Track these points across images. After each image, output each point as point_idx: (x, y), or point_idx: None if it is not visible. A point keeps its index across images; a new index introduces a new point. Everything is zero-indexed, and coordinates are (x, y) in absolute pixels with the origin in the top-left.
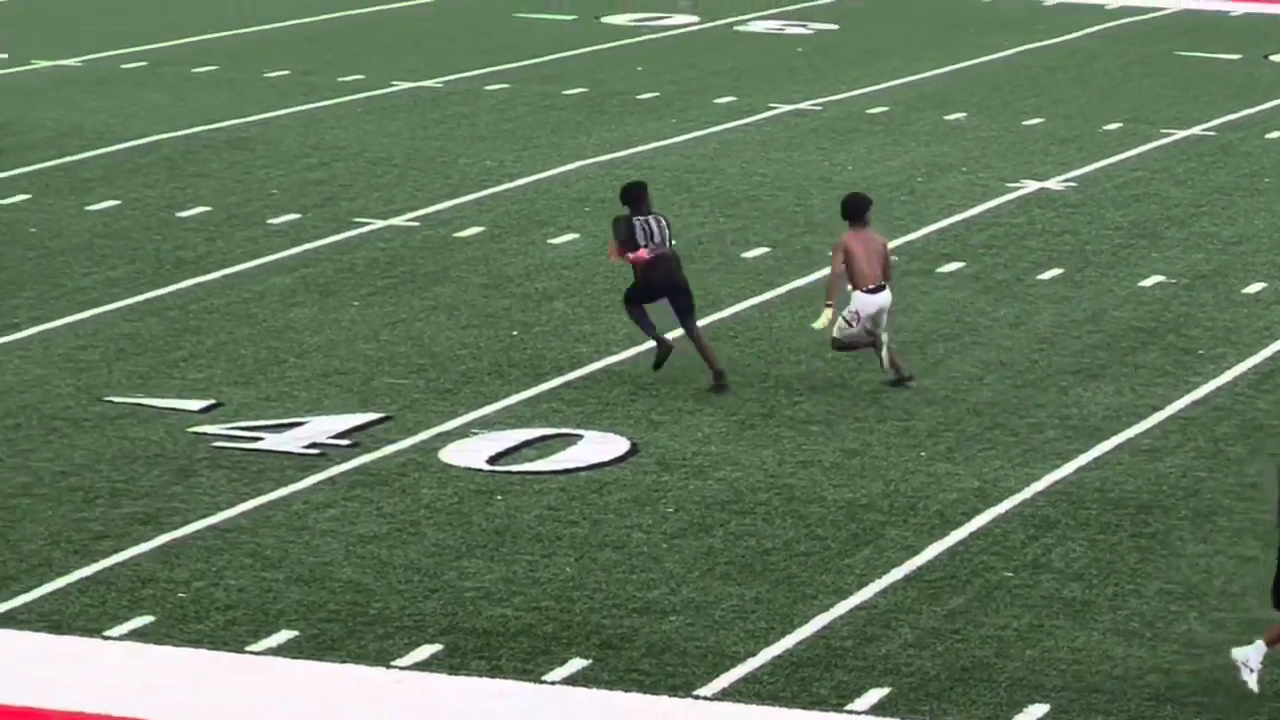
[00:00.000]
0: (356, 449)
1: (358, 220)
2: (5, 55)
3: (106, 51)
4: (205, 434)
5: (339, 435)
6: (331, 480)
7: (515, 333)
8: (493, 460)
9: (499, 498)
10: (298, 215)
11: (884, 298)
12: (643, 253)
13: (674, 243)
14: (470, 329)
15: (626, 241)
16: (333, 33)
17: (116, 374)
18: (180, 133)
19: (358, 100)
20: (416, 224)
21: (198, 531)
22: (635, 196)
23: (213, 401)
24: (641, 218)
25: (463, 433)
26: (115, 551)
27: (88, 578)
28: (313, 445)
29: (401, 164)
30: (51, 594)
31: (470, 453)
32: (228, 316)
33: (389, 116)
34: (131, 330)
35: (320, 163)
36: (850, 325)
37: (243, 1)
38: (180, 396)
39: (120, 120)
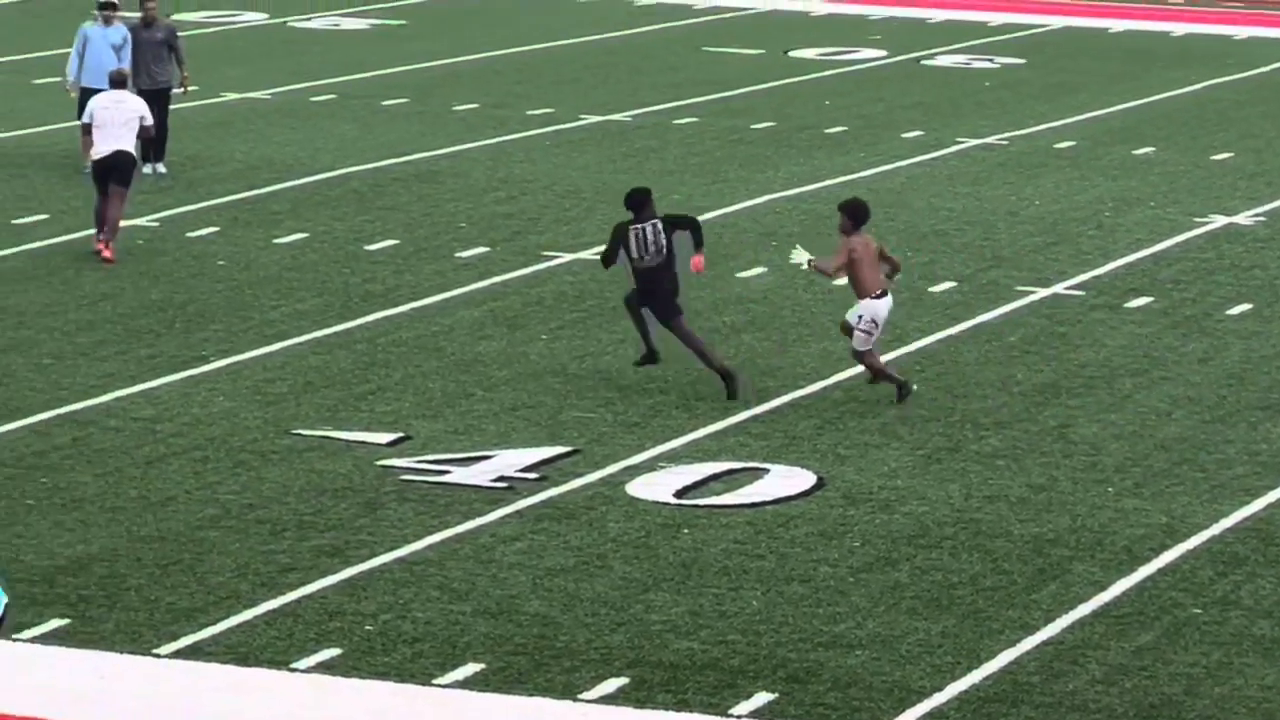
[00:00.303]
0: (544, 482)
1: (546, 254)
2: (196, 87)
3: (296, 84)
4: (393, 467)
5: (527, 468)
6: (519, 513)
7: (702, 366)
8: (680, 494)
9: (686, 531)
10: (486, 249)
11: (889, 301)
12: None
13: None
14: (658, 363)
15: (610, 254)
16: (522, 66)
17: (305, 407)
18: (369, 166)
19: (546, 134)
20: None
21: (385, 564)
22: (639, 203)
23: (401, 435)
24: (638, 225)
25: (650, 466)
26: (303, 584)
27: (275, 610)
28: (500, 479)
29: (590, 197)
30: (239, 626)
31: (657, 486)
32: (416, 349)
33: (578, 150)
34: (320, 363)
35: (509, 196)
36: (870, 334)
37: (432, 35)
38: (368, 429)
39: (309, 153)
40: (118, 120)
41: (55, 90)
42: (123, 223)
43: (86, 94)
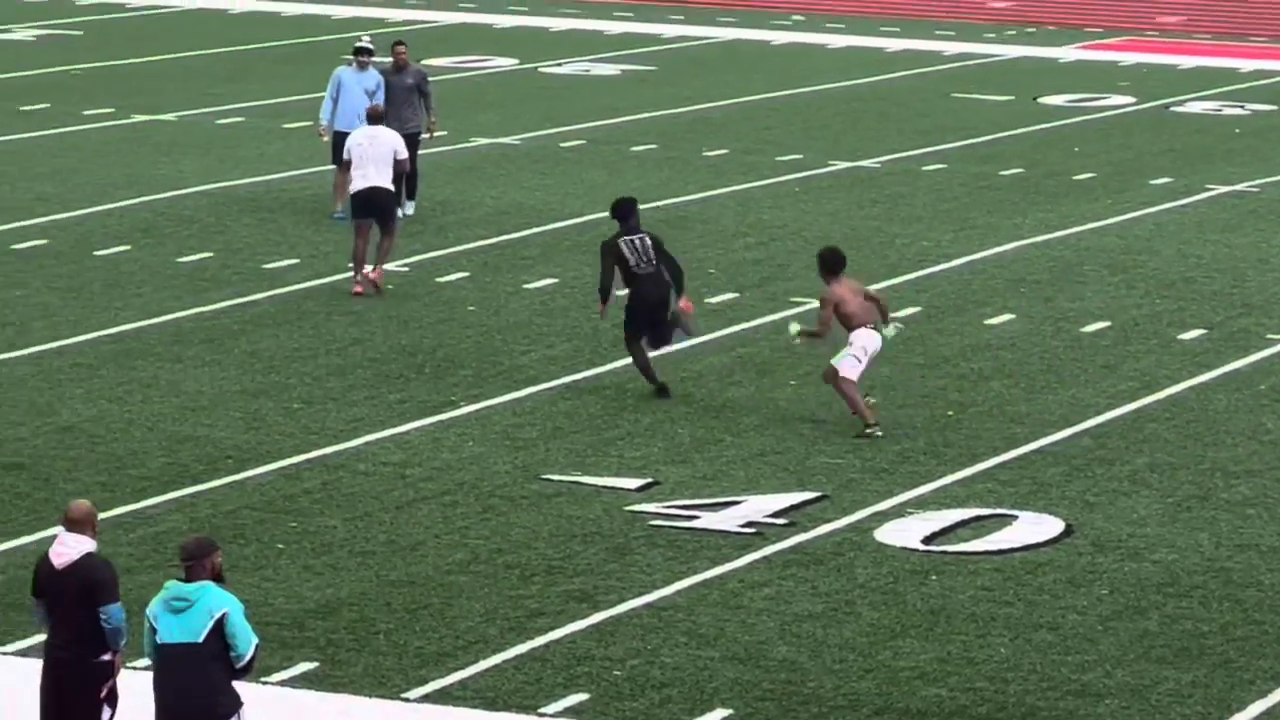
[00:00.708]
0: (792, 528)
1: (794, 300)
2: (443, 132)
3: (546, 130)
4: (642, 512)
5: (775, 514)
6: (767, 559)
7: (950, 413)
8: (928, 540)
9: (934, 577)
10: (734, 294)
11: (879, 340)
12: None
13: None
14: (906, 408)
15: (606, 277)
16: (770, 112)
17: (554, 451)
18: None
19: (795, 180)
20: None
21: (633, 610)
22: (625, 213)
23: (650, 480)
24: (629, 237)
25: (898, 512)
26: (551, 629)
27: (523, 655)
28: (749, 524)
29: (838, 243)
30: (487, 671)
31: (905, 532)
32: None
33: (826, 196)
34: (569, 408)
35: (757, 242)
36: (860, 362)
37: (681, 81)
38: (617, 475)
39: (559, 199)
40: (374, 156)
41: (305, 135)
42: (368, 267)
43: (339, 137)
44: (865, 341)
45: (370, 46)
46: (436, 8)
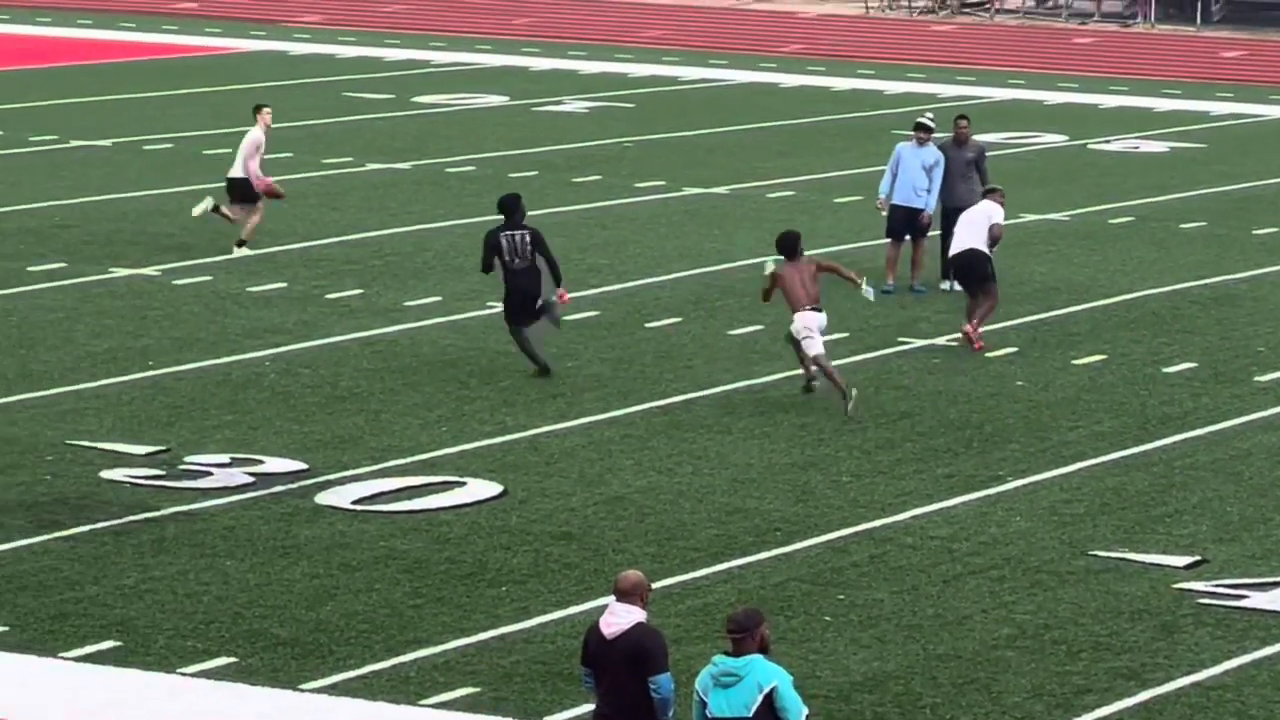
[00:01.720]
0: None
1: None
2: None
3: (1094, 206)
4: (1190, 590)
5: None
6: None
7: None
8: None
9: None
10: (1276, 374)
11: (814, 319)
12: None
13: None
14: None
15: (486, 260)
16: None
17: (1101, 528)
18: (1167, 288)
19: None
20: None
21: (1181, 689)
22: (510, 209)
23: (1198, 558)
24: (509, 232)
25: None
26: (1099, 706)
27: None
28: None
29: None
30: None
31: None
32: (1213, 473)
33: None
34: (1116, 484)
35: None
36: (813, 337)
37: (1232, 159)
38: (1165, 552)
39: (1107, 275)
40: (970, 220)
41: (855, 209)
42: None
43: (895, 211)
44: (805, 321)
45: (931, 124)
46: (988, 84)
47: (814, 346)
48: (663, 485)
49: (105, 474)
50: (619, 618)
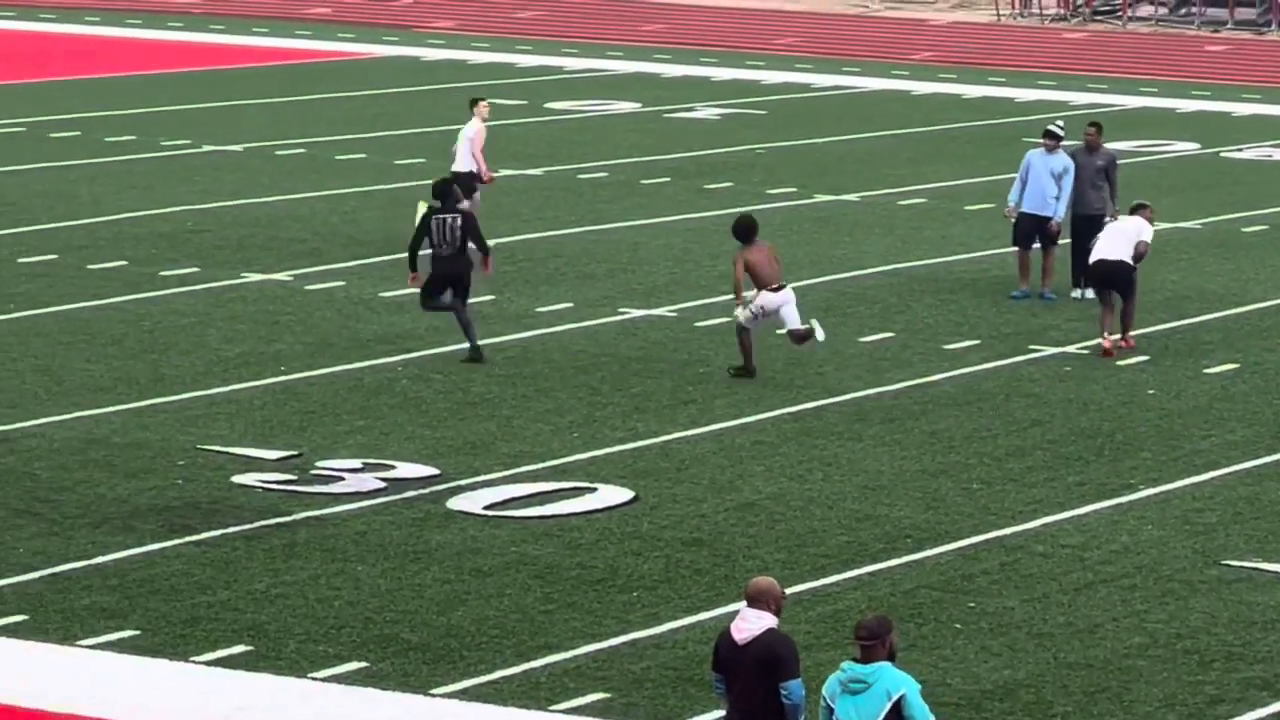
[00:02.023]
0: None
1: None
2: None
3: (1227, 214)
4: None
5: None
6: None
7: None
8: None
9: None
10: None
11: (786, 294)
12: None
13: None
14: None
15: (415, 243)
16: None
17: (1234, 537)
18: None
19: None
20: None
21: None
22: (444, 193)
23: None
24: (441, 215)
25: None
26: (1231, 716)
27: None
28: None
29: None
30: None
31: None
32: None
33: None
34: (1249, 493)
35: None
36: (756, 317)
37: None
38: None
39: (1240, 284)
40: (1117, 230)
41: (987, 217)
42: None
43: (1023, 219)
44: (764, 301)
45: (1061, 131)
46: (1119, 91)
47: (794, 318)
48: (793, 491)
49: (237, 478)
50: (750, 623)
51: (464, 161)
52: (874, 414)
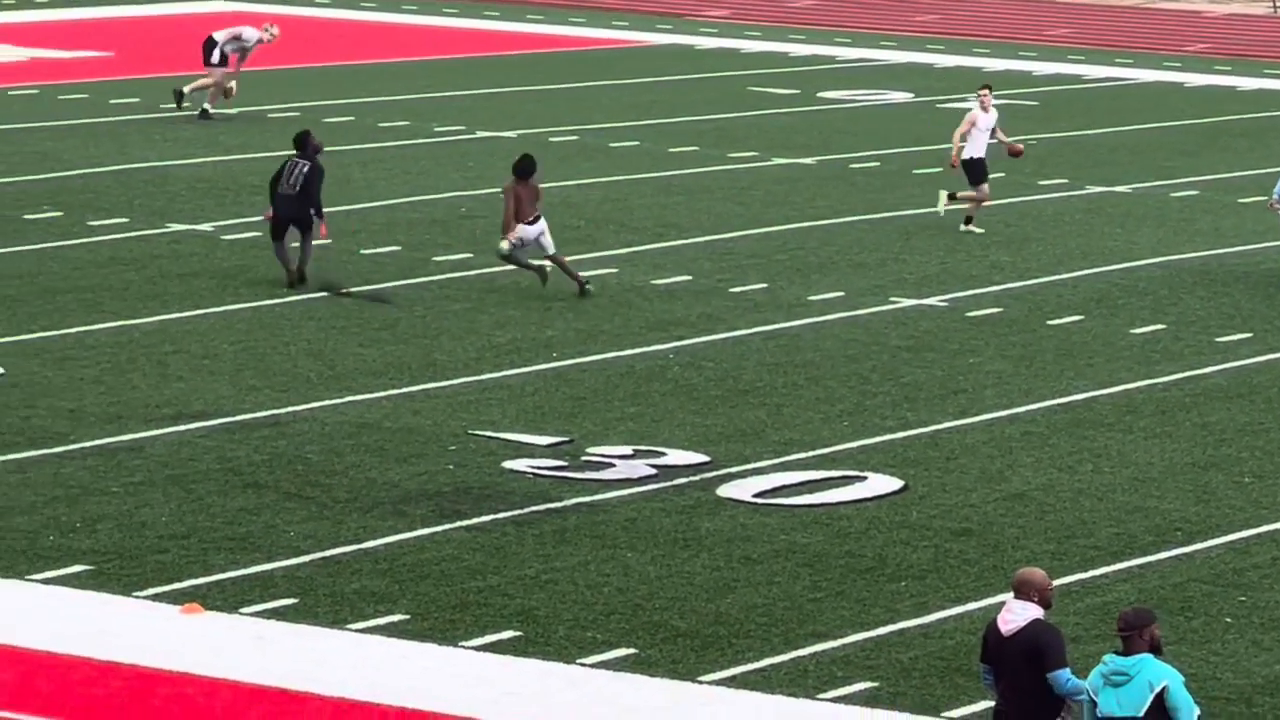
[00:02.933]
0: None
1: None
2: None
3: None
4: None
5: None
6: None
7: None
8: None
9: None
10: None
11: (540, 225)
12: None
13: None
14: None
15: (272, 182)
16: None
17: None
18: None
19: None
20: None
21: None
22: (301, 143)
23: None
24: (294, 159)
25: None
26: None
27: None
28: None
29: None
30: None
31: None
32: None
33: None
34: None
35: None
36: (515, 246)
37: None
38: None
39: None
40: None
41: (1260, 209)
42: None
43: None
44: (522, 233)
45: None
46: None
47: (551, 244)
48: (1063, 483)
49: (508, 464)
50: (1016, 615)
51: (977, 148)
52: (1145, 406)
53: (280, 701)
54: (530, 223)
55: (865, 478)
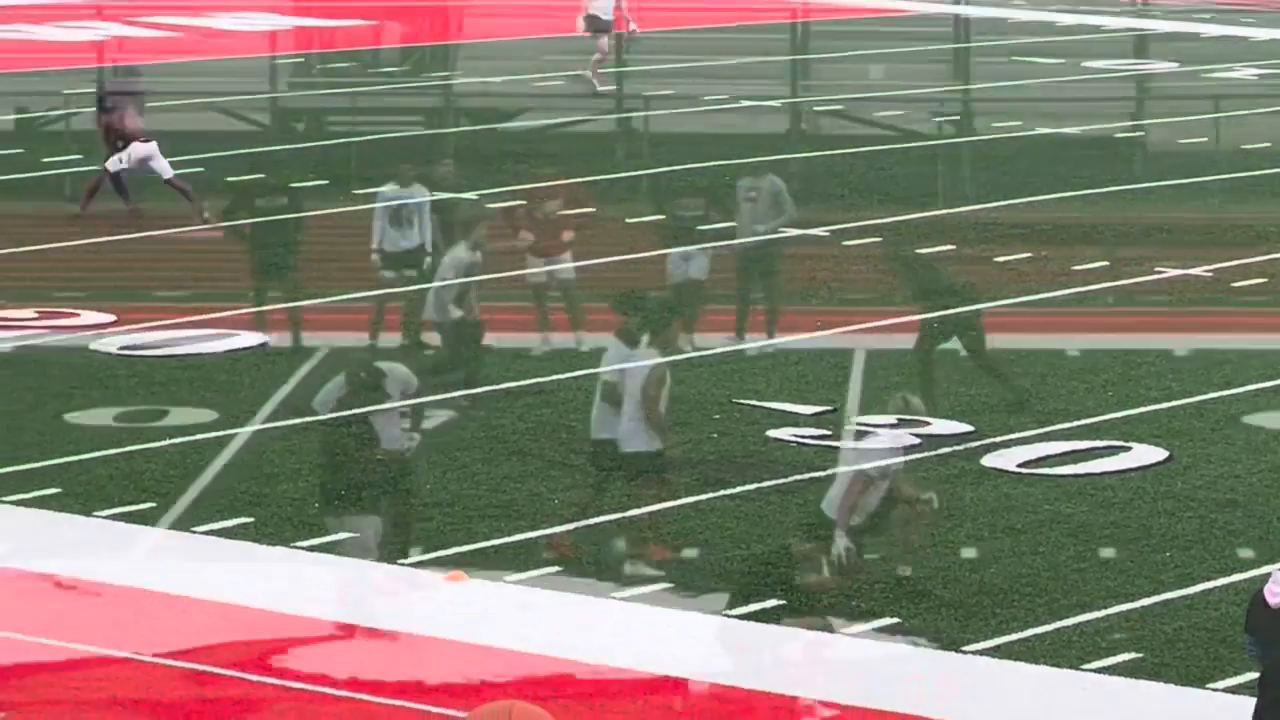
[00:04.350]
0: None
1: None
2: None
3: None
4: None
5: None
6: None
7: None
8: None
9: None
10: None
11: (150, 147)
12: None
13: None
14: None
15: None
16: None
17: None
18: None
19: None
20: None
21: None
22: (100, 97)
23: None
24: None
25: None
26: None
27: None
28: None
29: None
30: None
31: None
32: None
33: None
34: None
35: None
36: (124, 163)
37: None
38: None
39: None
40: None
41: None
42: None
43: None
44: (131, 151)
45: None
46: None
47: (166, 168)
48: None
49: (772, 433)
50: None
51: None
52: None
53: (545, 668)
54: (145, 141)
55: (1130, 448)
